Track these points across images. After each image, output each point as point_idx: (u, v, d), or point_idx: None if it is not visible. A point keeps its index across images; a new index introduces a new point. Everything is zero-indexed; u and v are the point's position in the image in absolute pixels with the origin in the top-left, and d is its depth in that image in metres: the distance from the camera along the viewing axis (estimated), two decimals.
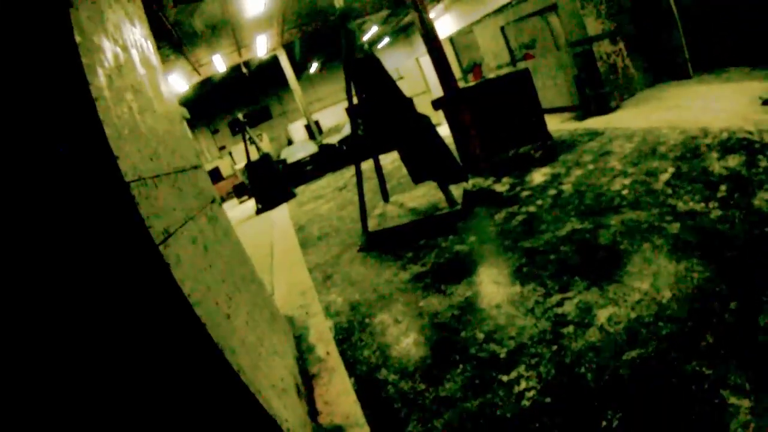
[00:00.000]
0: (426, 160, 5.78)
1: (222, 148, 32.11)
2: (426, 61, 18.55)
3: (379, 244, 5.98)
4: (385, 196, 7.29)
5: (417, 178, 5.98)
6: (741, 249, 3.07)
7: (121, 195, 1.60)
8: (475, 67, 16.08)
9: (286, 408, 2.19)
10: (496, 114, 7.49)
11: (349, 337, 3.86)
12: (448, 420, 2.46)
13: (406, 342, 3.43)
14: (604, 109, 9.11)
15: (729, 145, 5.09)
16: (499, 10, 11.67)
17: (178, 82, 18.62)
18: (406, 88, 16.71)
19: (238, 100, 30.36)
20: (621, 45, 9.76)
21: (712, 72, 9.63)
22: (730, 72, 9.07)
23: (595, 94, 9.16)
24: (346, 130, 17.81)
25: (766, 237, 3.08)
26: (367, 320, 4.04)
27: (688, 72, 9.78)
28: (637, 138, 6.63)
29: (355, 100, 22.05)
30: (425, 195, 6.80)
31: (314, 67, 32.40)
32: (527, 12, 10.63)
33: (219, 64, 19.38)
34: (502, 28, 11.58)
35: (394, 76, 32.98)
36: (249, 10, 15.84)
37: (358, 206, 8.47)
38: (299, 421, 2.31)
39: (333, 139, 18.23)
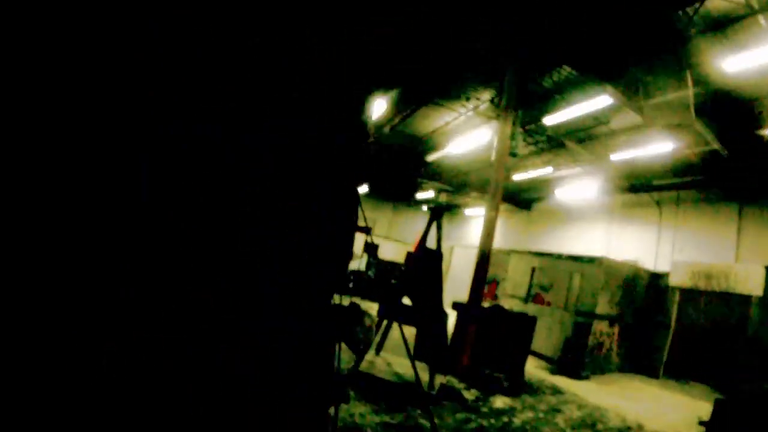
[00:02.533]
0: (431, 350, 7.29)
1: None
2: (458, 253, 20.62)
3: (363, 382, 7.27)
4: (379, 350, 8.70)
5: (418, 355, 7.46)
6: None
7: None
8: (492, 283, 18.04)
9: None
10: (494, 338, 9.13)
11: None
12: None
13: None
14: (576, 375, 10.71)
15: None
16: (540, 254, 13.89)
17: None
18: None
19: None
20: (616, 329, 11.64)
21: (678, 380, 11.38)
22: (692, 386, 10.86)
23: (575, 360, 10.81)
24: (360, 265, 19.72)
25: None
26: None
27: (658, 373, 11.63)
28: (587, 410, 8.14)
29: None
30: (408, 367, 8.19)
31: (363, 189, 34.76)
32: (561, 269, 12.69)
33: None
34: (533, 269, 13.67)
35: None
36: None
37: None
38: None
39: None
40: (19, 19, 1.45)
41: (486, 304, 10.06)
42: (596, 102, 12.00)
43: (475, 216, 36.32)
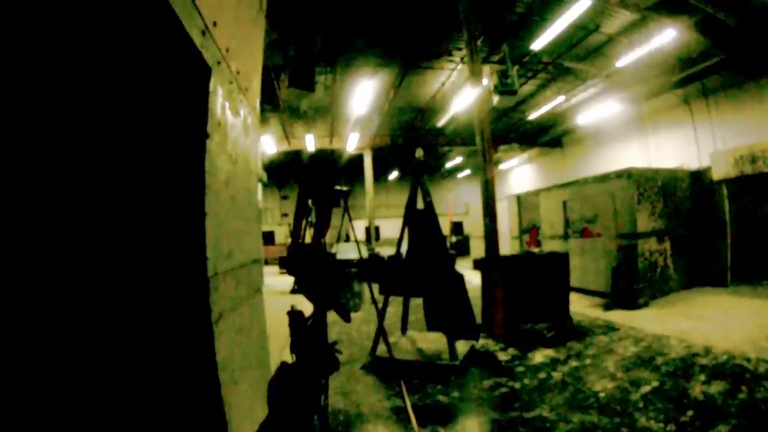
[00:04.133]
0: (445, 316, 6.53)
1: (285, 215, 33.49)
2: (502, 207, 19.74)
3: (381, 368, 6.61)
4: (404, 329, 7.99)
5: (431, 326, 6.71)
6: None
7: (201, 285, 2.25)
8: (533, 229, 17.00)
9: None
10: (527, 288, 8.23)
11: None
12: None
13: None
14: (632, 305, 9.64)
15: (721, 369, 5.58)
16: (567, 185, 12.76)
17: (269, 144, 20.27)
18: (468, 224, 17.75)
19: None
20: (667, 245, 10.42)
21: (750, 283, 10.08)
22: (766, 286, 9.57)
23: (628, 288, 9.73)
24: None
25: None
26: (340, 428, 4.64)
27: (726, 281, 10.39)
28: (644, 343, 7.14)
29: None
30: (437, 340, 7.45)
31: (394, 174, 34.41)
32: (596, 195, 11.56)
33: (310, 142, 21.20)
34: (564, 203, 12.59)
35: (463, 210, 34.48)
36: (352, 109, 18.09)
37: (387, 328, 9.20)
38: None
39: (385, 251, 19.35)
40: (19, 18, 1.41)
41: (515, 253, 9.14)
42: (577, 7, 10.80)
43: (508, 168, 34.93)
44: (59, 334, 1.60)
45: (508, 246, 17.93)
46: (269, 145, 20.60)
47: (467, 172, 38.29)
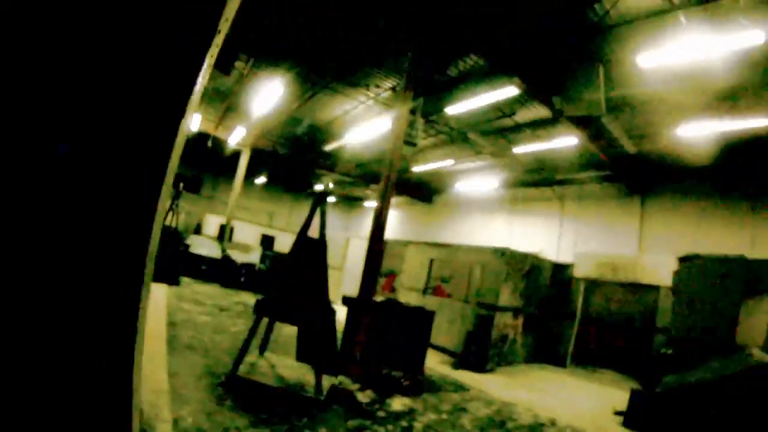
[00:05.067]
0: (315, 350, 6.32)
1: None
2: (354, 245, 19.95)
3: (242, 389, 6.14)
4: (262, 350, 7.58)
5: (301, 357, 6.46)
6: None
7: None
8: (390, 275, 17.43)
9: None
10: (390, 335, 8.35)
11: None
12: None
13: None
14: (480, 369, 10.31)
15: None
16: (439, 245, 13.38)
17: None
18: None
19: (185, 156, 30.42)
20: (520, 321, 11.38)
21: (586, 367, 11.28)
22: (601, 372, 10.77)
23: (479, 353, 10.34)
24: (253, 257, 18.50)
25: None
26: None
27: (566, 362, 11.52)
28: (494, 407, 7.62)
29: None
30: (295, 368, 7.18)
31: (261, 179, 33.38)
32: (462, 260, 12.23)
33: (195, 122, 20.10)
34: (432, 261, 13.13)
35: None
36: (252, 105, 17.52)
37: (240, 344, 8.67)
38: None
39: (236, 256, 18.63)
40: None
41: (380, 298, 9.25)
42: (502, 92, 11.71)
43: (374, 208, 35.97)
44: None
45: (357, 283, 18.20)
46: None
47: (332, 198, 38.59)
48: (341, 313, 11.68)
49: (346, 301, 8.71)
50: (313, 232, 9.89)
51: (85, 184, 1.74)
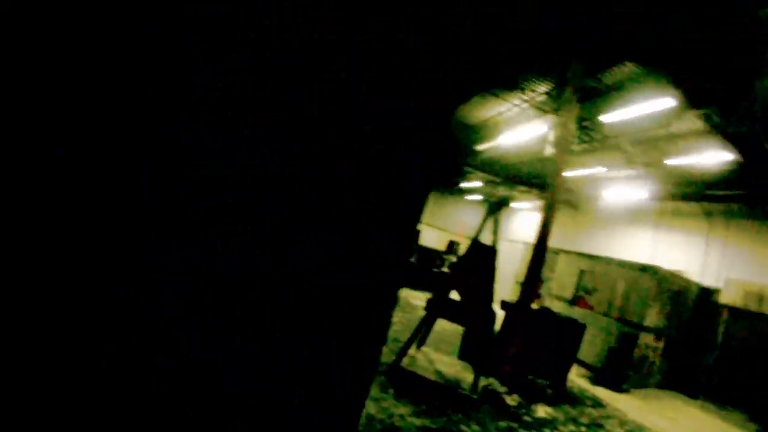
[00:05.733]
0: (478, 351, 7.03)
1: None
2: (502, 248, 20.28)
3: (402, 379, 7.09)
4: (420, 344, 8.49)
5: (463, 355, 7.22)
6: None
7: None
8: (538, 282, 17.54)
9: None
10: (540, 341, 8.79)
11: None
12: None
13: None
14: (616, 387, 10.27)
15: None
16: (588, 256, 13.36)
17: None
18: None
19: None
20: (661, 344, 11.08)
21: (716, 403, 10.82)
22: (730, 411, 10.33)
23: (618, 371, 10.36)
24: None
25: None
26: None
27: (698, 394, 11.03)
28: (627, 428, 7.77)
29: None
30: (451, 365, 7.97)
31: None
32: (608, 274, 12.18)
33: None
34: (582, 272, 13.17)
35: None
36: None
37: (397, 335, 9.68)
38: None
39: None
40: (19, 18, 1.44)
41: (535, 306, 9.65)
42: (659, 103, 11.28)
43: (521, 209, 35.58)
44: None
45: (510, 289, 18.51)
46: None
47: (478, 197, 38.89)
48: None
49: (504, 305, 9.26)
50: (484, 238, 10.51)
51: None
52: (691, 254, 18.50)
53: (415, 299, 13.56)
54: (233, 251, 1.82)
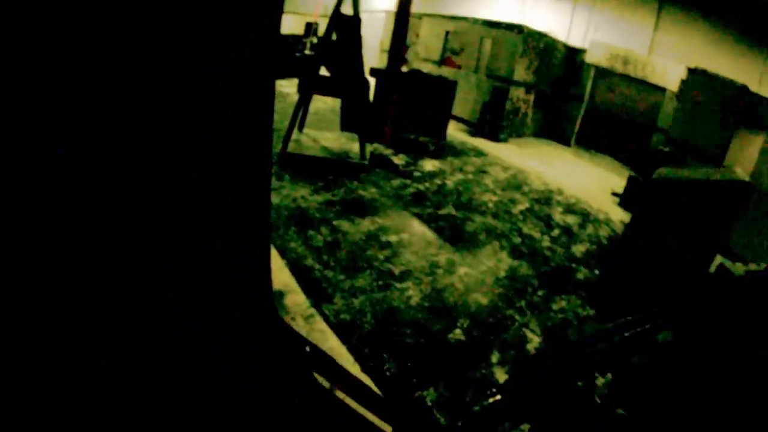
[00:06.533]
0: (358, 119, 6.88)
1: None
2: (367, 19, 19.15)
3: (293, 165, 6.91)
4: (301, 127, 8.19)
5: (346, 126, 7.05)
6: (552, 267, 4.83)
7: None
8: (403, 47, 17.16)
9: None
10: (415, 102, 8.85)
11: (276, 229, 4.74)
12: (362, 301, 3.70)
13: (326, 245, 4.55)
14: (495, 137, 11.05)
15: (573, 208, 7.14)
16: (454, 18, 13.05)
17: None
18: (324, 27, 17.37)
19: None
20: (531, 97, 11.80)
21: (588, 150, 12.19)
22: (601, 157, 11.75)
23: (493, 123, 11.01)
24: None
25: (568, 269, 4.89)
26: (290, 222, 5.02)
27: (570, 142, 12.26)
28: (511, 172, 8.52)
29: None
30: (335, 139, 7.86)
31: None
32: (475, 34, 12.10)
33: None
34: (447, 33, 12.98)
35: (322, 11, 32.54)
36: None
37: (286, 124, 9.20)
38: None
39: None
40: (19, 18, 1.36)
41: (405, 69, 9.52)
42: None
43: None
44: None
45: (376, 59, 18.02)
46: None
47: None
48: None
49: (374, 72, 8.93)
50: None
51: None
52: (559, 16, 18.80)
53: (284, 87, 12.83)
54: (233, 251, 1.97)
